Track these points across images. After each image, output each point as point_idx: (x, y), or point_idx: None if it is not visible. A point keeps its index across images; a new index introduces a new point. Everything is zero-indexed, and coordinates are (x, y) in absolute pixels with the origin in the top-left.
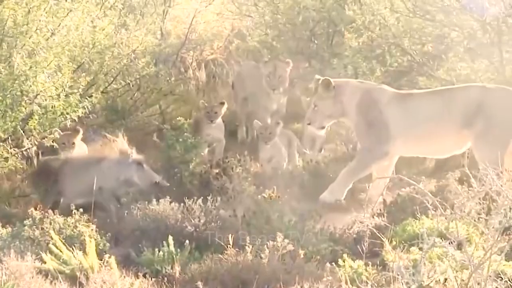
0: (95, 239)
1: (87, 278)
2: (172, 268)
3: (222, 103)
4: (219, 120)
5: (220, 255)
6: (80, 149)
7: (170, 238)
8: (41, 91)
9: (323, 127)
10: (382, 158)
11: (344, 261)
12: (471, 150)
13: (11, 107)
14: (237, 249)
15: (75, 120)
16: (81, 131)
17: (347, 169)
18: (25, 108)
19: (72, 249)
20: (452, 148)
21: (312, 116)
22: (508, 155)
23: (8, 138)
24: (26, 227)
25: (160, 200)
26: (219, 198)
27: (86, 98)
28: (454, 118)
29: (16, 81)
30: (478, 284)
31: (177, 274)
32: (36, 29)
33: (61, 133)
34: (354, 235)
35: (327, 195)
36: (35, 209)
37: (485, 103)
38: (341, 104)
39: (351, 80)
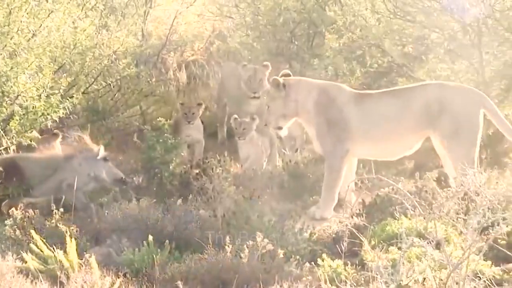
0: (75, 239)
1: (68, 277)
2: (152, 267)
3: (200, 104)
4: (197, 121)
5: (200, 255)
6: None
7: (150, 237)
8: (22, 91)
9: (279, 127)
10: (346, 155)
11: (323, 261)
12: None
13: None
14: (217, 249)
15: (56, 121)
16: (60, 135)
17: (324, 183)
18: (6, 109)
19: (53, 248)
20: (407, 149)
21: (267, 117)
22: None
23: None
24: (7, 227)
25: (140, 200)
26: (199, 198)
27: (67, 99)
28: (416, 118)
29: None
30: (457, 283)
31: (157, 274)
32: (17, 30)
33: (40, 137)
34: (333, 235)
35: (316, 211)
36: (16, 209)
37: (447, 101)
38: (295, 103)
39: (303, 78)
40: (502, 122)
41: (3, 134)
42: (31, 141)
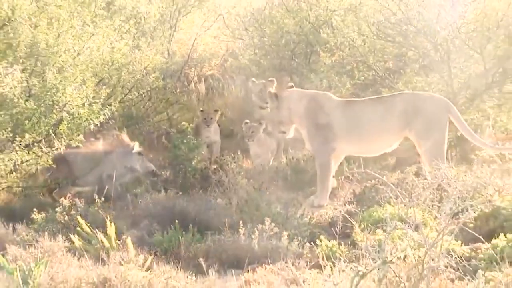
0: (114, 223)
1: (108, 256)
2: (178, 247)
3: (216, 111)
4: (214, 124)
5: (218, 237)
6: None
7: (176, 222)
8: (69, 101)
9: (283, 132)
10: (332, 152)
11: (321, 241)
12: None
13: (44, 114)
14: (232, 232)
15: (97, 125)
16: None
17: (318, 177)
18: (56, 115)
19: (96, 231)
20: (386, 147)
21: (270, 124)
22: None
23: (42, 140)
24: (57, 213)
25: (168, 191)
26: (216, 189)
27: (106, 107)
28: (396, 121)
29: (48, 93)
30: (432, 260)
31: (182, 252)
32: (65, 50)
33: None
34: (329, 220)
35: (315, 200)
36: (65, 198)
37: (420, 106)
38: (288, 111)
39: (296, 89)
40: (463, 126)
41: (54, 136)
42: (78, 143)
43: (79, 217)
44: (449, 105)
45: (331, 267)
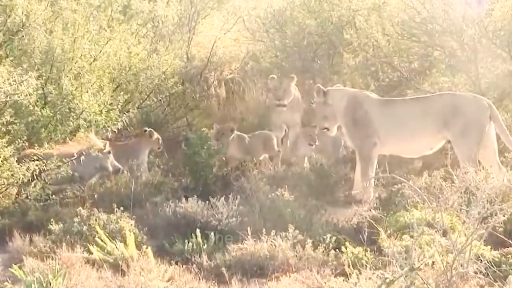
0: (134, 233)
1: (128, 266)
2: (200, 256)
3: (232, 130)
4: (227, 140)
5: (240, 245)
6: None
7: (198, 231)
8: (86, 107)
9: (325, 128)
10: (374, 147)
11: (346, 248)
12: (452, 150)
13: (60, 121)
14: (255, 239)
15: (115, 132)
16: None
17: (361, 171)
18: (73, 123)
19: (115, 241)
20: (426, 148)
21: (316, 119)
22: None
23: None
24: (75, 224)
25: (188, 199)
26: (238, 196)
27: (124, 113)
28: (433, 121)
29: (65, 100)
30: (461, 266)
31: (204, 262)
32: (81, 55)
33: None
34: (355, 226)
35: (358, 193)
36: (83, 208)
37: (459, 107)
38: (332, 107)
39: (341, 87)
40: (501, 128)
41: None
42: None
43: (97, 227)
44: (491, 107)
45: (357, 275)
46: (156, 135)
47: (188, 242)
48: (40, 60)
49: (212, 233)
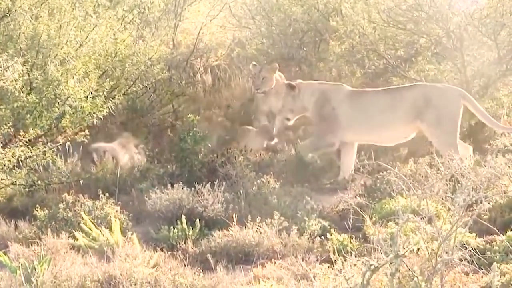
0: (119, 219)
1: (113, 252)
2: (185, 243)
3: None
4: None
5: (225, 231)
6: None
7: (183, 217)
8: (71, 94)
9: (288, 119)
10: (331, 147)
11: (331, 235)
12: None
13: (46, 108)
14: (240, 226)
15: (100, 118)
16: None
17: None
18: (58, 109)
19: (100, 227)
20: (399, 137)
21: (281, 109)
22: None
23: (44, 134)
24: (60, 210)
25: (174, 185)
26: (224, 183)
27: (110, 100)
28: (405, 111)
29: (50, 86)
30: (446, 253)
31: (190, 248)
32: (67, 42)
33: None
34: (340, 213)
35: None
36: (68, 194)
37: (431, 98)
38: (302, 102)
39: (312, 82)
40: (481, 112)
41: (57, 130)
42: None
43: (83, 213)
44: (464, 94)
45: (342, 262)
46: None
47: (174, 229)
48: (26, 46)
49: (198, 220)
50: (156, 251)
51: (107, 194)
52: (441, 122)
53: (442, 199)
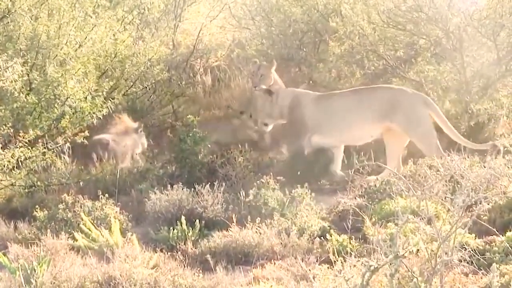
0: (119, 220)
1: (113, 253)
2: (185, 244)
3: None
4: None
5: (225, 232)
6: None
7: (183, 218)
8: (71, 94)
9: (265, 124)
10: (300, 148)
11: (331, 236)
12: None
13: (45, 108)
14: (239, 227)
15: (100, 119)
16: None
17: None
18: (58, 109)
19: (100, 228)
20: (367, 137)
21: (258, 113)
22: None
23: (43, 135)
24: (60, 210)
25: (173, 186)
26: (224, 184)
27: (110, 100)
28: (371, 112)
29: (50, 87)
30: (446, 254)
31: (189, 249)
32: (66, 42)
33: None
34: (340, 214)
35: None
36: (68, 195)
37: (397, 102)
38: (279, 107)
39: (290, 88)
40: (444, 122)
41: (57, 130)
42: (83, 139)
43: (82, 214)
44: (427, 100)
45: (341, 262)
46: None
47: (173, 230)
48: (25, 47)
49: (197, 220)
50: (156, 252)
51: (106, 195)
52: (412, 123)
53: (442, 200)
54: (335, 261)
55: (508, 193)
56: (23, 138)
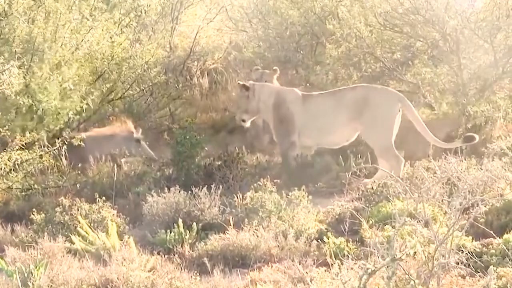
0: (116, 223)
1: (110, 256)
2: (182, 246)
3: None
4: None
5: (222, 235)
6: None
7: (180, 221)
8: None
9: (243, 120)
10: (291, 146)
11: (328, 239)
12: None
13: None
14: (237, 229)
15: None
16: None
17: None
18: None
19: (97, 231)
20: (343, 140)
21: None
22: None
23: (39, 139)
24: (57, 213)
25: (170, 189)
26: (221, 186)
27: (107, 103)
28: (347, 113)
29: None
30: (443, 256)
31: (186, 252)
32: (62, 45)
33: None
34: (337, 216)
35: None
36: (65, 198)
37: (369, 99)
38: (258, 103)
39: (267, 84)
40: (417, 120)
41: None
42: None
43: (79, 217)
44: (402, 100)
45: (339, 265)
46: None
47: (170, 232)
48: (22, 49)
49: (194, 223)
50: (153, 255)
51: (103, 198)
52: (375, 123)
53: (439, 202)
54: (332, 264)
55: (505, 195)
56: (20, 141)
